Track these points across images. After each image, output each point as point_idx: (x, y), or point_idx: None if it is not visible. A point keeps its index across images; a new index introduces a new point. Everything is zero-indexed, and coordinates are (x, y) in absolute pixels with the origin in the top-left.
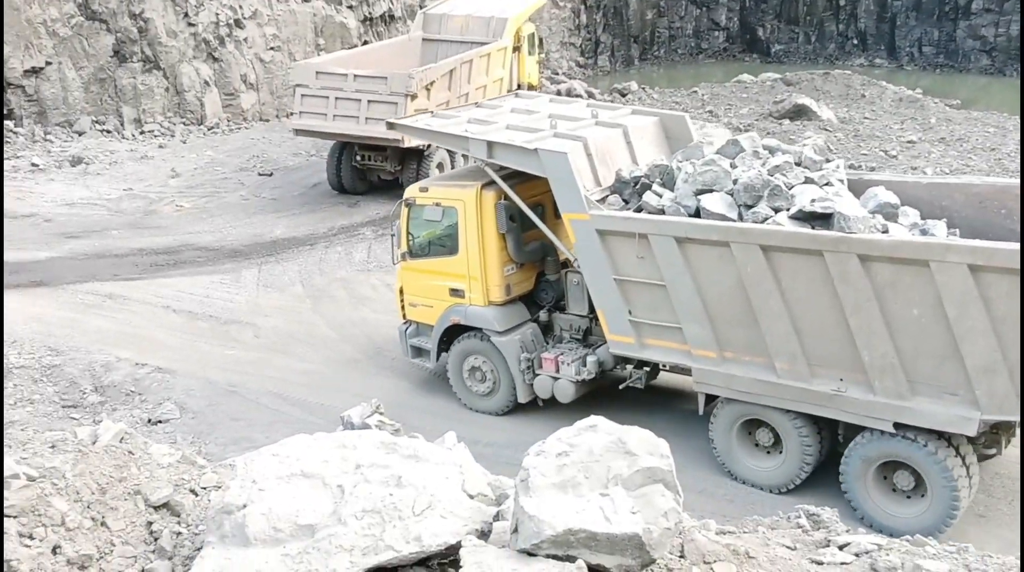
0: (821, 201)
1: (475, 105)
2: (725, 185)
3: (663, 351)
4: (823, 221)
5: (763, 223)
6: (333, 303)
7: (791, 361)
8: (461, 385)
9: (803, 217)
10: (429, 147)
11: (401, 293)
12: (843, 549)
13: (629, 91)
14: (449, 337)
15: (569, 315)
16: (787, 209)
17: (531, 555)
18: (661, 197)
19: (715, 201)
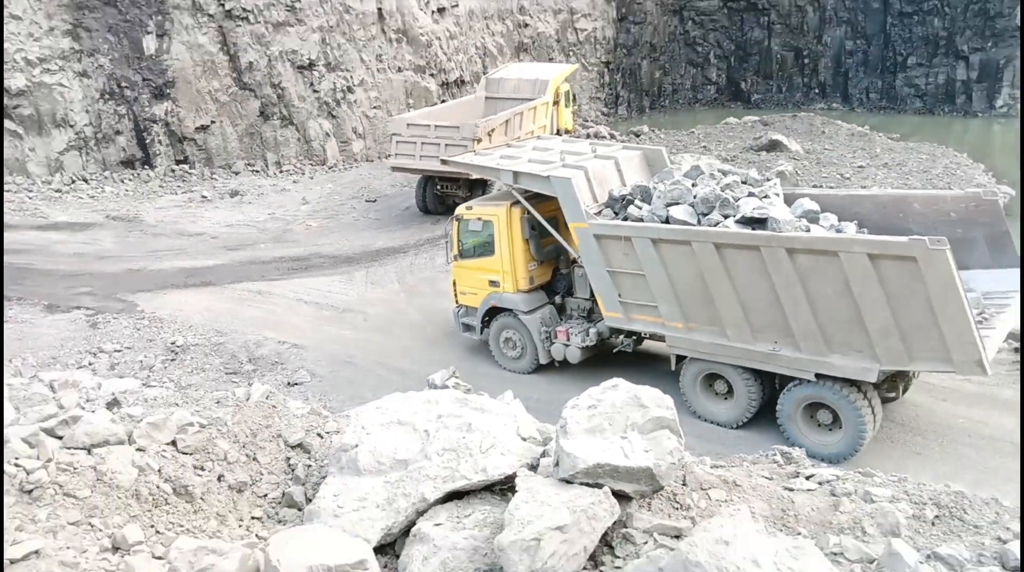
0: (758, 209)
1: (506, 145)
2: (688, 199)
3: (644, 324)
4: (760, 224)
5: (715, 226)
6: (421, 296)
7: (738, 329)
8: (498, 351)
9: (745, 221)
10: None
11: (454, 285)
12: (809, 479)
13: (642, 132)
14: (489, 316)
15: (576, 299)
16: (734, 215)
17: (568, 483)
18: (641, 209)
19: (680, 211)
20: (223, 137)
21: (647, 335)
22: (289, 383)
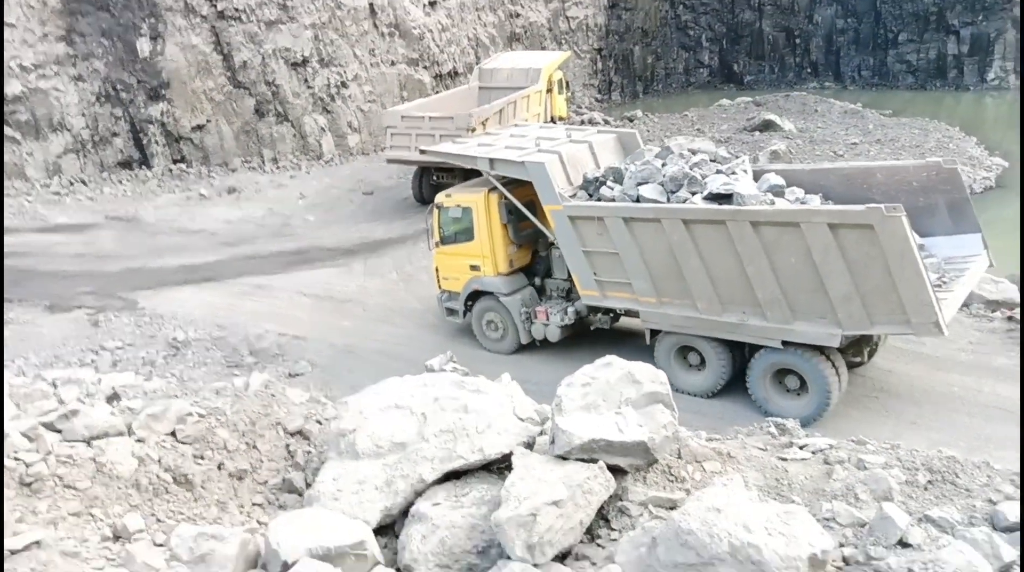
0: (725, 185)
1: (484, 134)
2: (657, 178)
3: (619, 300)
4: (727, 199)
5: (683, 203)
6: (419, 285)
7: (708, 301)
8: (481, 333)
9: (712, 197)
10: None
11: (437, 271)
12: (803, 449)
13: (636, 117)
14: (472, 300)
15: (555, 279)
16: (701, 192)
17: (564, 459)
18: (613, 190)
19: (649, 190)
20: (219, 136)
21: (623, 312)
22: (290, 374)
